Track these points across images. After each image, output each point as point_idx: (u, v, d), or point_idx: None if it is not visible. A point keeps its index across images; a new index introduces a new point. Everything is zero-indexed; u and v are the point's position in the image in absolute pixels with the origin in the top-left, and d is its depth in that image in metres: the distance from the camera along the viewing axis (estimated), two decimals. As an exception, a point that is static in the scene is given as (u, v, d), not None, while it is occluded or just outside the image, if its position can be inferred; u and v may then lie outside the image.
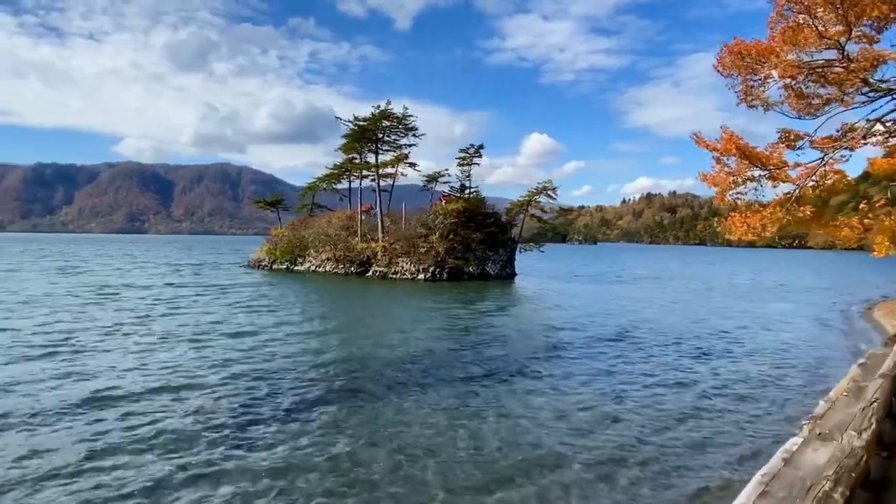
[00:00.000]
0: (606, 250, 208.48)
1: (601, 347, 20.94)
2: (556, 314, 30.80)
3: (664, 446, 10.53)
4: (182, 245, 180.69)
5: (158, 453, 9.90)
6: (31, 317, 24.66)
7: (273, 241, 64.01)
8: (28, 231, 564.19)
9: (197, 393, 13.63)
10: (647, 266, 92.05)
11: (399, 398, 13.52)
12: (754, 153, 10.84)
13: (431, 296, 38.66)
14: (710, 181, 11.37)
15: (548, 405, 13.18)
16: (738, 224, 11.36)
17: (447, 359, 18.25)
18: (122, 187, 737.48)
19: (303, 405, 12.87)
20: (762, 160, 10.84)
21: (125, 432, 10.83)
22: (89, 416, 11.73)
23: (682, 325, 27.11)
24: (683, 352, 20.36)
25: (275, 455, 9.95)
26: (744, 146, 10.81)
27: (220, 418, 11.77)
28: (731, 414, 12.62)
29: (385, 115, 52.81)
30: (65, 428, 10.99)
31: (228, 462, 9.63)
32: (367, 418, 12.05)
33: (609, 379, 15.94)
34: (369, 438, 10.79)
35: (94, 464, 9.42)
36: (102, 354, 17.55)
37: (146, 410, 12.12)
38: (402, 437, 10.87)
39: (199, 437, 10.65)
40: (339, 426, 11.49)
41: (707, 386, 15.13)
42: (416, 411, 12.55)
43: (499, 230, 54.82)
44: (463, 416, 12.29)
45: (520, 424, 11.78)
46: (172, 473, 9.15)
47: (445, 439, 10.83)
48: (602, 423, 11.81)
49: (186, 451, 10.04)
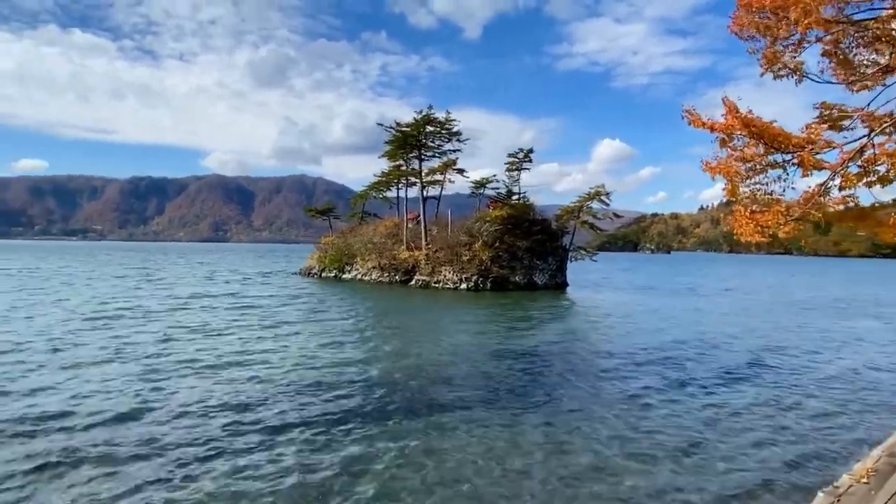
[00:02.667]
0: (680, 260, 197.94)
1: (658, 366, 18.71)
2: (612, 329, 28.05)
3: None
4: (256, 253, 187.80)
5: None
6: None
7: (323, 248, 64.20)
8: (124, 239, 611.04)
9: (231, 405, 13.34)
10: (723, 276, 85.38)
11: (435, 419, 12.60)
12: (772, 131, 8.23)
13: (470, 307, 36.66)
14: (714, 170, 8.83)
15: (606, 428, 12.01)
16: (743, 222, 8.78)
17: (482, 380, 16.41)
18: (207, 199, 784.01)
19: (326, 422, 12.23)
20: (782, 141, 8.22)
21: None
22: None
23: (756, 344, 23.71)
24: (759, 374, 17.54)
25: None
26: (756, 122, 8.23)
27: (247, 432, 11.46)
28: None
29: (428, 121, 51.46)
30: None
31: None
32: (398, 435, 11.43)
33: (674, 405, 14.10)
34: (402, 460, 10.17)
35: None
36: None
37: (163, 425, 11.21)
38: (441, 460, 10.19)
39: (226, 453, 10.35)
40: (369, 447, 10.84)
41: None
42: (453, 435, 11.60)
43: (547, 237, 51.95)
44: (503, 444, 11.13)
45: (570, 451, 10.65)
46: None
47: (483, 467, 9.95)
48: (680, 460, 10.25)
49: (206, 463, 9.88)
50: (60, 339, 20.80)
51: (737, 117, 8.32)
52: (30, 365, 16.70)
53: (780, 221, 8.46)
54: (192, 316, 28.71)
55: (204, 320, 27.22)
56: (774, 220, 8.46)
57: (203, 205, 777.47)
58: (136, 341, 20.95)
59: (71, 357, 17.93)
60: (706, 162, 8.89)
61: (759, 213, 8.66)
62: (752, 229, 8.68)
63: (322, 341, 22.24)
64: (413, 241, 54.51)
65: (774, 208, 8.60)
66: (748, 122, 8.28)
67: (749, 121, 8.29)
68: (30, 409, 12.51)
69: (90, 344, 20.23)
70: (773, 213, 8.52)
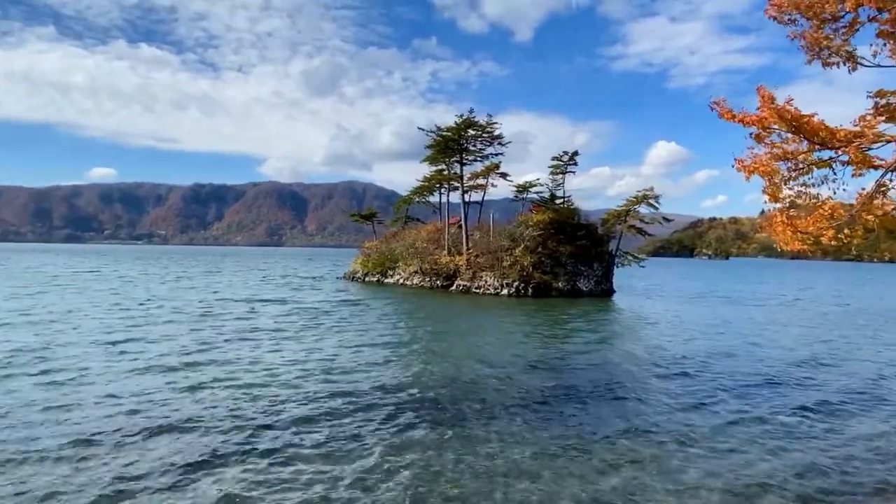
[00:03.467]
0: (740, 266, 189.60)
1: (708, 384, 17.22)
2: (657, 339, 26.28)
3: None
4: (307, 257, 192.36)
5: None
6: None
7: (366, 253, 64.61)
8: (186, 244, 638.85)
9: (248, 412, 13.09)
10: (784, 284, 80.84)
11: (461, 430, 12.10)
12: (812, 125, 7.17)
13: (508, 313, 35.81)
14: (749, 169, 7.81)
15: (645, 455, 10.80)
16: (780, 228, 7.72)
17: (513, 391, 15.65)
18: (263, 204, 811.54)
19: (350, 430, 11.96)
20: (825, 135, 7.15)
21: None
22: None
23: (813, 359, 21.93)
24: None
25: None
26: (794, 115, 7.18)
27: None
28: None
29: (469, 124, 50.91)
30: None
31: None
32: (424, 445, 11.08)
33: (736, 427, 12.77)
34: (426, 471, 9.79)
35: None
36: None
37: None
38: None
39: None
40: (394, 455, 10.52)
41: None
42: (482, 447, 11.06)
43: (592, 242, 50.34)
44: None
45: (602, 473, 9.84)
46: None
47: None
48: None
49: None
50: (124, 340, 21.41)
51: (771, 109, 7.33)
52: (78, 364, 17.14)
53: (822, 227, 7.38)
54: (235, 321, 29.15)
55: (245, 325, 27.57)
56: (816, 225, 7.40)
57: (259, 210, 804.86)
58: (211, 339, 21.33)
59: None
60: (739, 160, 7.90)
61: (799, 218, 7.61)
62: (791, 236, 7.64)
63: (354, 347, 21.97)
64: (455, 246, 54.02)
65: (817, 212, 7.53)
66: (783, 115, 7.27)
67: (785, 113, 7.28)
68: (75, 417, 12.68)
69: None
70: (815, 217, 7.46)
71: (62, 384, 14.94)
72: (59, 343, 20.79)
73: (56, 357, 18.32)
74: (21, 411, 12.52)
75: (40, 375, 15.81)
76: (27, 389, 14.32)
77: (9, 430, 11.31)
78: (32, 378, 15.49)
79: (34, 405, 12.94)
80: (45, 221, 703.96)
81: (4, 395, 13.70)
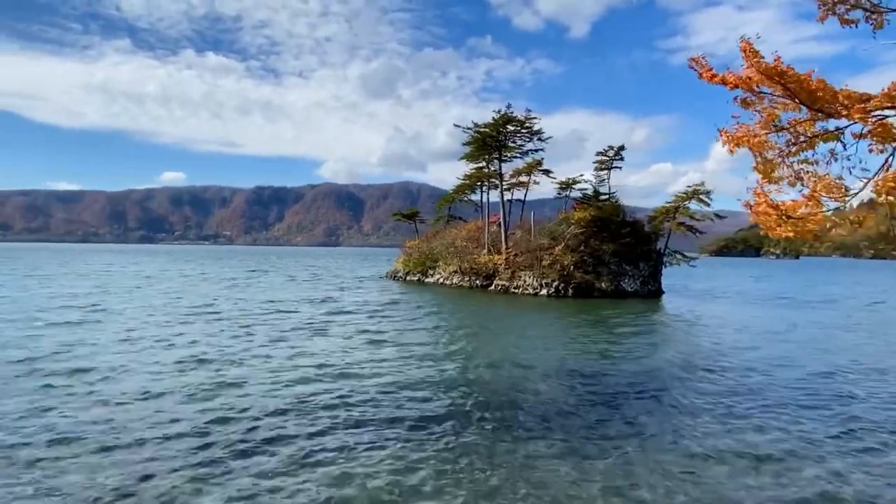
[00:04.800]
0: (811, 266, 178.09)
1: (772, 392, 15.74)
2: (706, 346, 24.30)
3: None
4: (361, 257, 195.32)
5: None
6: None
7: (408, 252, 64.31)
8: (249, 245, 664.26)
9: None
10: (862, 285, 74.61)
11: (488, 441, 11.48)
12: (808, 87, 5.73)
13: (543, 315, 34.40)
14: (734, 140, 6.41)
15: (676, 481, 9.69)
16: (763, 209, 6.28)
17: (541, 401, 14.65)
18: (321, 206, 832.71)
19: (374, 436, 11.73)
20: (825, 99, 5.69)
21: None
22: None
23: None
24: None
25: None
26: (787, 74, 5.76)
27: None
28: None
29: (507, 120, 49.44)
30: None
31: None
32: (455, 453, 10.77)
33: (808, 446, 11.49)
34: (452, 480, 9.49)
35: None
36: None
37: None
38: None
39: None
40: (418, 463, 10.25)
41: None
42: (506, 459, 10.49)
43: (638, 241, 47.89)
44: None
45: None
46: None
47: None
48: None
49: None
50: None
51: (757, 66, 5.95)
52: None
53: (814, 211, 5.95)
54: (280, 319, 29.26)
55: (280, 325, 27.58)
56: (809, 208, 5.97)
57: (318, 211, 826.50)
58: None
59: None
60: (724, 131, 6.52)
61: (789, 202, 6.19)
62: (776, 221, 6.24)
63: (377, 348, 21.44)
64: (494, 245, 52.79)
65: (810, 192, 6.09)
66: (771, 73, 5.87)
67: (773, 71, 5.87)
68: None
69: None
70: (808, 198, 6.02)
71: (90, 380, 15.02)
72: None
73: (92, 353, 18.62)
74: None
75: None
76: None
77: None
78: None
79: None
80: (120, 223, 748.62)
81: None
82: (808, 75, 5.84)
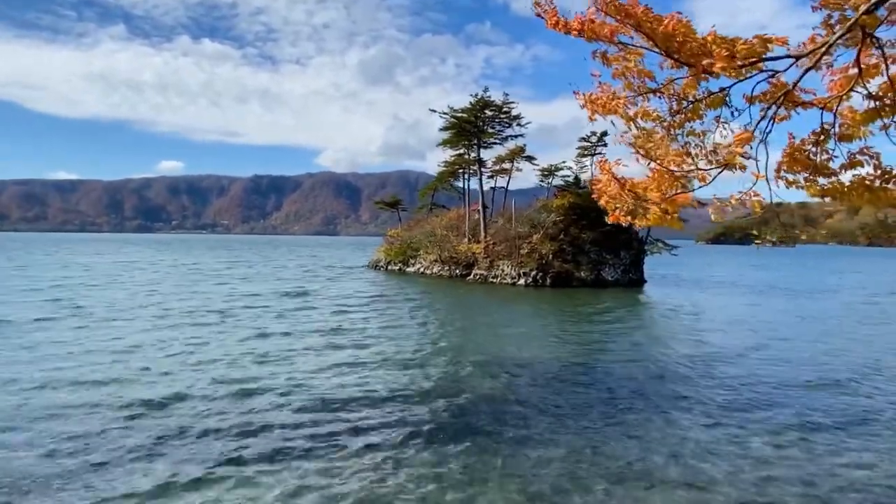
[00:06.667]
0: (805, 253, 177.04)
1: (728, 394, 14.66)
2: (685, 335, 23.58)
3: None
4: (356, 246, 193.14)
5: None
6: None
7: (390, 241, 63.16)
8: (247, 234, 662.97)
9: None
10: (853, 273, 73.53)
11: (461, 441, 10.76)
12: (671, 32, 4.53)
13: (516, 305, 33.39)
14: (596, 105, 5.27)
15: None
16: (608, 188, 5.17)
17: (509, 399, 13.62)
18: (319, 195, 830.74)
19: (350, 440, 10.90)
20: (692, 49, 4.49)
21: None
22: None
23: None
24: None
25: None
26: (638, 13, 4.58)
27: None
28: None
29: (485, 105, 48.09)
30: None
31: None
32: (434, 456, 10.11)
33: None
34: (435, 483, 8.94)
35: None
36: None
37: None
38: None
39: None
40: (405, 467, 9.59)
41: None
42: (488, 459, 9.95)
43: (618, 229, 46.68)
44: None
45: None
46: None
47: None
48: None
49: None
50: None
51: (605, 4, 4.73)
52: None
53: (667, 192, 4.83)
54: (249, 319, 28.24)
55: (256, 323, 26.56)
56: (658, 189, 4.84)
57: (316, 200, 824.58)
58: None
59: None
60: (582, 94, 5.37)
61: (642, 179, 5.05)
62: (622, 202, 5.11)
63: (344, 351, 19.94)
64: (475, 234, 51.64)
65: (656, 165, 4.94)
66: (622, 9, 4.66)
67: (626, 10, 4.68)
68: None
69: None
70: (659, 177, 4.86)
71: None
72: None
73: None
74: None
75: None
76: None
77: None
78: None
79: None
80: (118, 213, 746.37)
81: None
82: (669, 17, 4.62)
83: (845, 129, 5.33)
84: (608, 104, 5.26)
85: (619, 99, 5.13)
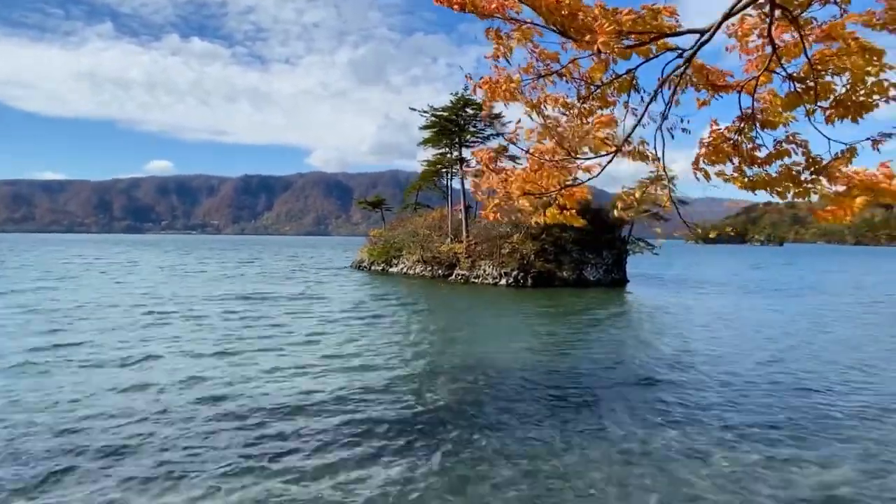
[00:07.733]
0: (792, 252, 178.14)
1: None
2: (665, 336, 23.25)
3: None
4: (345, 247, 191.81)
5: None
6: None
7: (373, 241, 62.52)
8: (237, 234, 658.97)
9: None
10: (837, 271, 73.68)
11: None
12: (554, 2, 4.03)
13: (497, 306, 32.88)
14: (492, 89, 4.80)
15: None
16: (496, 184, 4.67)
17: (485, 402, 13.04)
18: (310, 194, 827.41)
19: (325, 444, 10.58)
20: (583, 20, 3.99)
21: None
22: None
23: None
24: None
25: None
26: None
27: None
28: None
29: (465, 103, 47.56)
30: None
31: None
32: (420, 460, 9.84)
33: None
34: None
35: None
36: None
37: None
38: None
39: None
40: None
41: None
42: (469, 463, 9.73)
43: (600, 228, 46.29)
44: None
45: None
46: None
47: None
48: None
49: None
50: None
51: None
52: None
53: (546, 186, 4.29)
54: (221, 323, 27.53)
55: (237, 325, 25.86)
56: (545, 180, 4.31)
57: (307, 200, 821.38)
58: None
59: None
60: (475, 79, 4.86)
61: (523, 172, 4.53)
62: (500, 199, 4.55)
63: (322, 355, 19.41)
64: (457, 234, 51.12)
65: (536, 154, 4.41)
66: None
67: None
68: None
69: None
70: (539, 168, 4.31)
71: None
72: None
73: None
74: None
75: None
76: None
77: None
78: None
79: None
80: (106, 213, 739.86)
81: None
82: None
83: (768, 114, 4.84)
84: (497, 87, 4.75)
85: (514, 83, 4.62)
